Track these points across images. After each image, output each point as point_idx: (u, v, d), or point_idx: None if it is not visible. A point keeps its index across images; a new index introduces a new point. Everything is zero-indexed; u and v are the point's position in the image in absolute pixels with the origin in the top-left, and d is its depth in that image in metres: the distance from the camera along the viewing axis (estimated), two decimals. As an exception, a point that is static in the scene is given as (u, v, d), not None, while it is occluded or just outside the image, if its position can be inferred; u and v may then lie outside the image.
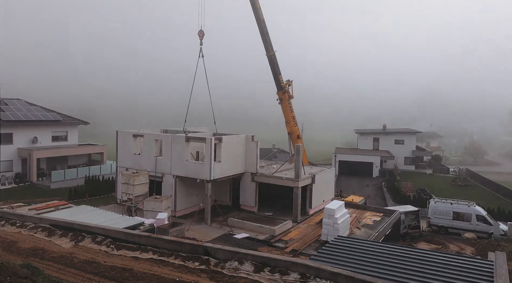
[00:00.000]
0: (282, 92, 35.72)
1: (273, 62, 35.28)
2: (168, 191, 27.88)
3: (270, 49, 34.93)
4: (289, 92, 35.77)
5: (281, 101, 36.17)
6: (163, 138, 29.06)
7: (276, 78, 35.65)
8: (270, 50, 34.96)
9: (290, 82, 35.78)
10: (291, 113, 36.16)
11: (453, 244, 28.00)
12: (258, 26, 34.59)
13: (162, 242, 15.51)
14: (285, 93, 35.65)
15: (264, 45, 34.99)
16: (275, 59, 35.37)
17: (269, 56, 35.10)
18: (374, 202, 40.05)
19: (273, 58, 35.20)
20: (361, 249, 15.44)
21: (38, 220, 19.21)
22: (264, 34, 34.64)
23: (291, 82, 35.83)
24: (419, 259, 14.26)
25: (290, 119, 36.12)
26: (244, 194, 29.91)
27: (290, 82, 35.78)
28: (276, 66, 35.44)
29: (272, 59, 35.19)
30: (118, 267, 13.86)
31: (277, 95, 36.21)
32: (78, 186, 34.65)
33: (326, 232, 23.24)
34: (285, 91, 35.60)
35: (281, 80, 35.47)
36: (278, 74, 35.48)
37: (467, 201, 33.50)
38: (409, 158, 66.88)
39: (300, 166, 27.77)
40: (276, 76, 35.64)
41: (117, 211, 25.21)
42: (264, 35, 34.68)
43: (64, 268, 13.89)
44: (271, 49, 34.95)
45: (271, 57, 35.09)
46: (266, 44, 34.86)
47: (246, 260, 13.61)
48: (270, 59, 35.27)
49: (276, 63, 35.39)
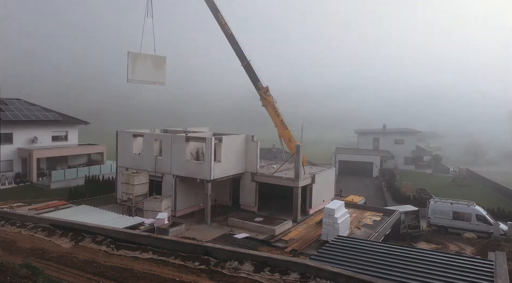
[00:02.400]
0: (263, 98, 35.95)
1: (250, 71, 35.72)
2: (168, 191, 27.88)
3: (243, 59, 35.49)
4: (269, 97, 35.79)
5: (266, 108, 36.36)
6: (163, 138, 29.06)
7: (256, 86, 36.02)
8: (244, 60, 35.50)
9: (267, 88, 35.83)
10: (279, 118, 35.90)
11: (453, 244, 28.02)
12: (228, 40, 35.20)
13: (162, 242, 15.50)
14: (265, 99, 35.75)
15: (238, 56, 35.52)
16: (251, 68, 35.71)
17: (244, 65, 35.68)
18: (374, 202, 40.03)
19: (249, 67, 35.64)
20: (361, 249, 15.45)
21: (38, 220, 19.20)
22: (234, 46, 35.23)
23: (268, 89, 35.81)
24: (419, 259, 14.26)
25: (278, 123, 35.95)
26: (244, 194, 29.90)
27: (267, 89, 35.82)
28: (253, 75, 35.79)
29: (248, 68, 35.66)
30: (118, 267, 13.85)
31: (261, 102, 36.50)
32: (78, 186, 34.61)
33: (326, 232, 23.26)
34: (265, 97, 35.74)
35: (260, 88, 35.65)
36: (256, 82, 35.79)
37: (467, 201, 33.50)
38: (409, 158, 66.93)
39: (300, 165, 27.77)
40: (255, 84, 36.00)
41: (117, 211, 25.28)
42: (235, 47, 35.26)
43: (64, 268, 13.88)
44: (244, 60, 35.48)
45: (247, 66, 35.62)
46: (239, 56, 35.45)
47: (246, 260, 13.60)
48: (246, 69, 35.81)
49: (252, 72, 35.75)
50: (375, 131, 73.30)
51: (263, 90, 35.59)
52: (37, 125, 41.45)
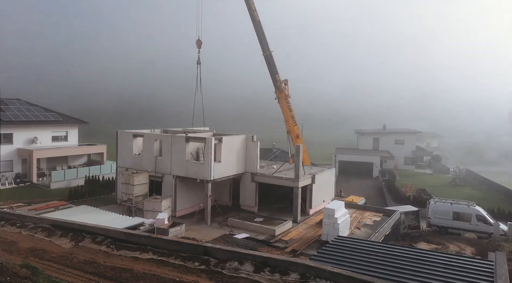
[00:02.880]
0: (279, 91, 36.95)
1: (269, 62, 36.54)
2: (168, 191, 27.85)
3: (266, 49, 36.29)
4: (286, 91, 36.77)
5: (279, 100, 37.41)
6: (163, 139, 29.04)
7: (273, 78, 36.93)
8: (266, 50, 36.31)
9: (286, 81, 36.99)
10: (290, 113, 37.23)
11: (453, 244, 27.97)
12: (254, 27, 35.93)
13: (162, 242, 15.56)
14: (282, 92, 36.80)
15: (261, 45, 36.34)
16: (272, 59, 36.59)
17: (265, 56, 36.49)
18: (374, 202, 40.00)
19: (269, 58, 36.44)
20: (361, 249, 15.49)
21: (38, 220, 19.25)
22: (260, 34, 35.98)
23: (287, 82, 36.98)
24: (419, 259, 14.30)
25: (289, 118, 37.14)
26: (244, 194, 29.88)
27: (287, 82, 36.98)
28: (273, 66, 36.66)
29: (268, 59, 36.49)
30: (118, 267, 13.88)
31: (275, 94, 37.45)
32: (78, 186, 34.57)
33: (326, 232, 23.26)
34: (281, 90, 36.72)
35: (278, 80, 36.63)
36: (275, 74, 36.74)
37: (467, 201, 33.48)
38: (409, 158, 66.89)
39: (300, 166, 27.75)
40: (273, 76, 36.92)
41: (117, 211, 25.26)
42: (260, 35, 36.01)
43: (64, 268, 13.92)
44: (267, 50, 36.33)
45: (267, 57, 36.43)
46: (262, 45, 36.25)
47: (246, 260, 13.64)
48: (266, 59, 36.63)
49: (272, 63, 36.63)
50: (375, 132, 73.30)
51: (282, 82, 36.63)
52: (37, 125, 41.41)
